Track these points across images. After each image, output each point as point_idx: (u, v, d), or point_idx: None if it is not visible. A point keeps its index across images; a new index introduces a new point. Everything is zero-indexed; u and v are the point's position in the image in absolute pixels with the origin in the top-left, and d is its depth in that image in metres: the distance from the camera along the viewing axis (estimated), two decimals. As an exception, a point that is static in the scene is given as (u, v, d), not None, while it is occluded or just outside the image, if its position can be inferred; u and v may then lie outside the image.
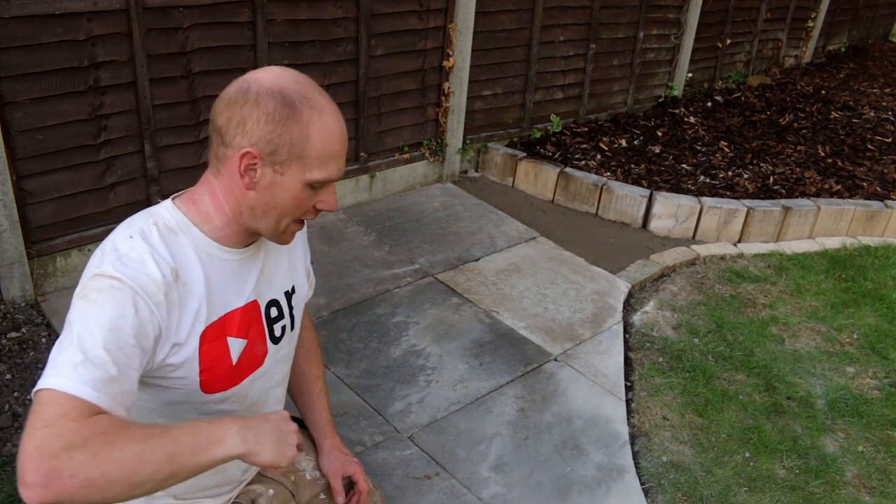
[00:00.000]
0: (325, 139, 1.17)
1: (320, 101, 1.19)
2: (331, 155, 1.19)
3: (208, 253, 1.26)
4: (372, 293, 3.15)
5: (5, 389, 2.40)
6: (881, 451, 2.64)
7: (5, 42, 2.52)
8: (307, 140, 1.16)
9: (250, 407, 1.41)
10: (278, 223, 1.24)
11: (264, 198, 1.21)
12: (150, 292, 1.14)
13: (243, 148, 1.17)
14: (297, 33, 3.34)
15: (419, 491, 2.22)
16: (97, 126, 2.85)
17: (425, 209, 3.97)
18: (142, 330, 1.12)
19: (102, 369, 1.04)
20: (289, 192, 1.20)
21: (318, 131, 1.17)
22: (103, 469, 0.96)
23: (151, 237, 1.19)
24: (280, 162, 1.17)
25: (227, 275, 1.29)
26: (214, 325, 1.26)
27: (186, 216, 1.25)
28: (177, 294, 1.19)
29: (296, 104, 1.16)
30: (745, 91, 6.04)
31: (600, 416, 2.62)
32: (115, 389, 1.05)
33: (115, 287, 1.11)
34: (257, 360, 1.38)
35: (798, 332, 3.28)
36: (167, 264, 1.18)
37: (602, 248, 3.79)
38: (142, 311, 1.12)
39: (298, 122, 1.16)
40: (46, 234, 2.86)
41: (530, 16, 4.35)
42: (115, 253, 1.16)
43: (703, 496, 2.36)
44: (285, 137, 1.16)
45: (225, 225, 1.25)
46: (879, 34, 8.70)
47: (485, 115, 4.45)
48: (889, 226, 4.27)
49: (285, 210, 1.22)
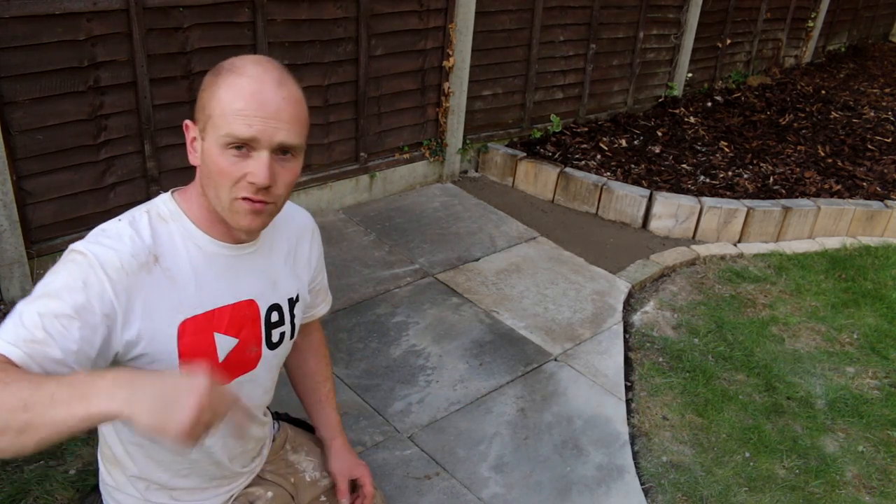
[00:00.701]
0: (232, 97, 1.14)
1: (249, 68, 1.16)
2: (236, 111, 1.13)
3: (199, 245, 1.26)
4: (372, 293, 3.15)
5: (5, 389, 2.40)
6: (881, 451, 2.64)
7: (5, 42, 2.52)
8: (213, 98, 1.15)
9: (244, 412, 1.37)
10: (218, 196, 1.19)
11: (203, 170, 1.21)
12: (111, 269, 1.14)
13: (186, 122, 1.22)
14: (297, 33, 3.34)
15: (419, 491, 2.22)
16: (97, 126, 2.85)
17: (425, 209, 3.97)
18: (87, 305, 1.11)
19: (29, 331, 1.05)
20: (212, 157, 1.17)
21: (226, 90, 1.14)
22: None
23: (139, 222, 1.22)
24: (202, 128, 1.18)
25: (219, 269, 1.28)
26: (199, 318, 1.25)
27: (180, 207, 1.27)
28: (151, 277, 1.18)
29: (220, 71, 1.17)
30: (745, 91, 6.04)
31: (600, 416, 2.62)
32: (36, 350, 1.04)
33: (75, 261, 1.14)
34: (249, 363, 1.36)
35: (798, 332, 3.28)
36: (145, 247, 1.19)
37: (602, 248, 3.79)
38: (92, 286, 1.12)
39: (213, 84, 1.16)
40: (46, 234, 2.86)
41: (530, 16, 4.35)
42: (97, 232, 1.19)
43: (703, 496, 2.36)
44: (201, 101, 1.18)
45: (204, 212, 1.26)
46: (879, 34, 8.70)
47: (485, 115, 4.45)
48: (889, 226, 4.27)
49: (218, 180, 1.18)
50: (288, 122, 1.16)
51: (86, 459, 2.17)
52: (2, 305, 2.76)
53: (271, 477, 1.58)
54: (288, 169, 1.20)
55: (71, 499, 2.04)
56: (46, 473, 2.10)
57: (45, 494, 2.04)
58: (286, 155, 1.19)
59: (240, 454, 1.47)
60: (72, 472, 2.13)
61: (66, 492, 2.05)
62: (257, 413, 1.47)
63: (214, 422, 0.97)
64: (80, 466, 2.15)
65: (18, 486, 2.05)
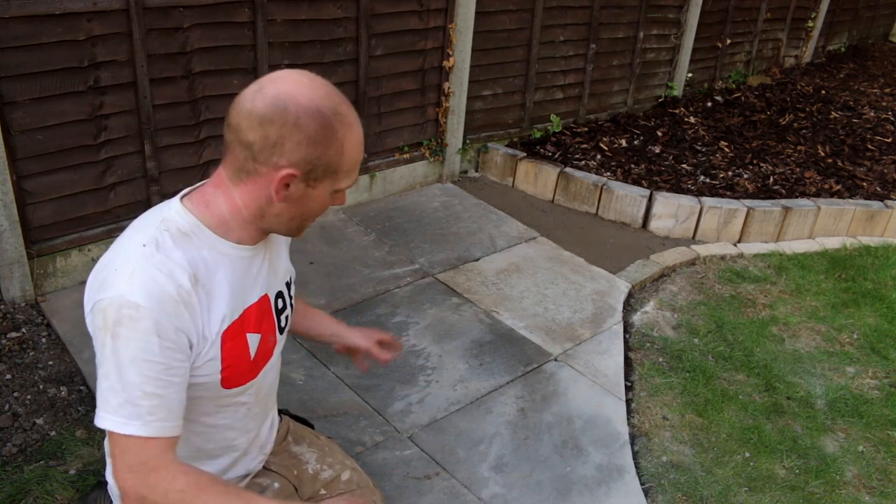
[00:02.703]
0: (354, 152, 1.23)
1: (349, 115, 1.22)
2: (356, 163, 1.25)
3: (223, 253, 1.27)
4: (372, 293, 3.15)
5: (5, 389, 2.40)
6: (881, 451, 2.64)
7: (5, 42, 2.52)
8: (342, 157, 1.21)
9: (261, 398, 1.47)
10: (301, 225, 1.30)
11: (293, 207, 1.25)
12: (171, 308, 1.17)
13: (283, 169, 1.19)
14: (297, 33, 3.34)
15: (419, 491, 2.21)
16: (97, 126, 2.85)
17: (425, 209, 3.97)
18: (175, 348, 1.18)
19: (146, 401, 1.15)
20: (318, 201, 1.26)
21: (350, 146, 1.22)
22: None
23: (166, 245, 1.20)
24: (316, 178, 1.22)
25: (242, 271, 1.31)
26: (236, 324, 1.30)
27: (198, 218, 1.25)
28: (197, 298, 1.21)
29: (333, 125, 1.19)
30: (745, 91, 6.04)
31: (600, 416, 2.62)
32: (164, 413, 1.17)
33: (134, 319, 1.14)
34: (269, 352, 1.43)
35: (798, 332, 3.28)
36: (184, 272, 1.20)
37: (602, 248, 3.79)
38: (167, 333, 1.16)
39: (335, 141, 1.19)
40: (46, 234, 2.86)
41: (530, 16, 4.35)
42: (129, 264, 1.17)
43: (703, 496, 2.36)
44: (324, 158, 1.20)
45: (240, 227, 1.28)
46: (879, 34, 8.70)
47: (485, 115, 4.45)
48: (889, 226, 4.27)
49: (310, 215, 1.28)
50: None
51: (86, 459, 2.17)
52: (2, 305, 2.76)
53: (276, 468, 1.63)
54: None
55: (71, 499, 2.04)
56: (46, 473, 2.10)
57: (45, 494, 2.04)
58: None
59: (258, 436, 1.54)
60: (72, 472, 2.13)
61: (66, 492, 2.05)
62: (274, 394, 1.57)
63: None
64: (80, 466, 2.15)
65: (18, 486, 2.05)
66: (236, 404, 1.39)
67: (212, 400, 1.33)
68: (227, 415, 1.39)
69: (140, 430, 1.15)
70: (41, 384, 2.45)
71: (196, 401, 1.30)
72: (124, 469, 1.17)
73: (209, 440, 1.40)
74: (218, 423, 1.38)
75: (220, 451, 1.43)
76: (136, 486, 1.17)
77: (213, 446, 1.42)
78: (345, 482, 1.71)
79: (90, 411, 2.37)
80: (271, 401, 1.58)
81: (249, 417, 1.45)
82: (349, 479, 1.72)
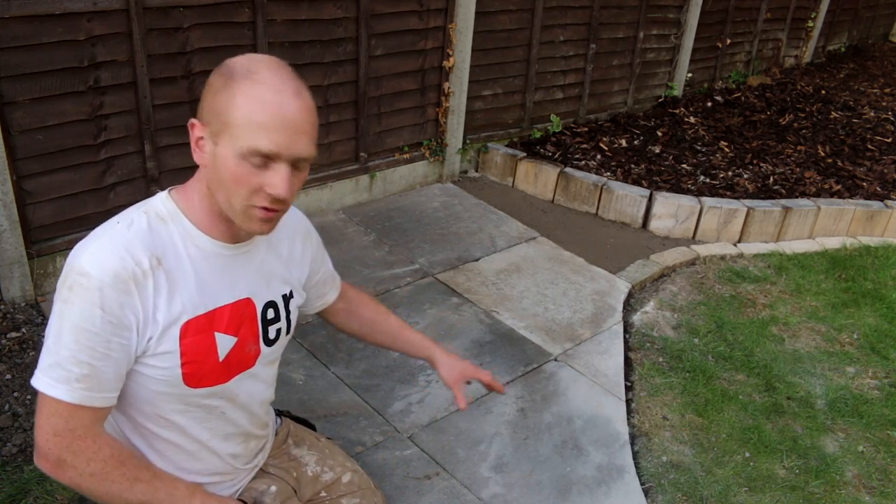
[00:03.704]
0: (253, 108, 1.13)
1: (265, 75, 1.15)
2: (259, 125, 1.13)
3: (198, 245, 1.27)
4: (372, 293, 3.15)
5: (5, 389, 2.40)
6: (881, 451, 2.64)
7: (5, 42, 2.52)
8: (231, 106, 1.14)
9: (239, 407, 1.41)
10: (230, 200, 1.20)
11: (212, 173, 1.20)
12: (121, 285, 1.16)
13: (192, 120, 1.21)
14: (297, 33, 3.34)
15: (419, 491, 2.21)
16: (97, 126, 2.85)
17: (425, 209, 3.97)
18: (118, 324, 1.17)
19: (77, 368, 1.16)
20: (226, 164, 1.16)
21: (246, 99, 1.14)
22: (92, 488, 1.20)
23: (139, 226, 1.22)
24: (215, 132, 1.17)
25: (218, 269, 1.29)
26: (201, 318, 1.27)
27: (178, 206, 1.27)
28: (154, 281, 1.20)
29: (234, 75, 1.16)
30: (745, 91, 6.04)
31: (600, 416, 2.62)
32: (92, 383, 1.17)
33: (83, 286, 1.15)
34: (248, 361, 1.38)
35: (798, 332, 3.28)
36: (147, 252, 1.20)
37: (602, 248, 3.79)
38: (111, 307, 1.16)
39: (228, 89, 1.15)
40: (46, 234, 2.86)
41: (530, 16, 4.35)
42: (96, 242, 1.19)
43: (703, 496, 2.36)
44: (216, 104, 1.16)
45: (202, 211, 1.27)
46: (879, 34, 8.70)
47: (485, 115, 4.45)
48: (889, 226, 4.27)
49: (232, 187, 1.18)
50: (307, 135, 1.18)
51: (86, 459, 2.17)
52: (2, 305, 2.76)
53: (274, 471, 1.60)
54: (299, 177, 1.22)
55: (71, 499, 2.04)
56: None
57: (45, 494, 2.04)
58: (299, 163, 1.20)
59: (243, 453, 1.49)
60: (72, 472, 2.13)
61: (66, 492, 2.05)
62: (259, 410, 1.49)
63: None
64: (80, 466, 2.15)
65: (18, 486, 2.05)
66: (205, 406, 1.34)
67: (179, 398, 1.29)
68: (199, 415, 1.34)
69: (65, 394, 1.15)
70: (41, 384, 2.45)
71: (162, 396, 1.28)
72: (50, 431, 1.17)
73: (186, 438, 1.36)
74: (189, 422, 1.34)
75: (197, 451, 1.38)
76: (60, 449, 1.17)
77: (191, 447, 1.37)
78: (346, 484, 1.71)
79: (90, 411, 2.37)
80: (257, 414, 1.48)
81: (226, 422, 1.39)
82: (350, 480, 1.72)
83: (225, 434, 1.40)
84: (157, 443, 1.34)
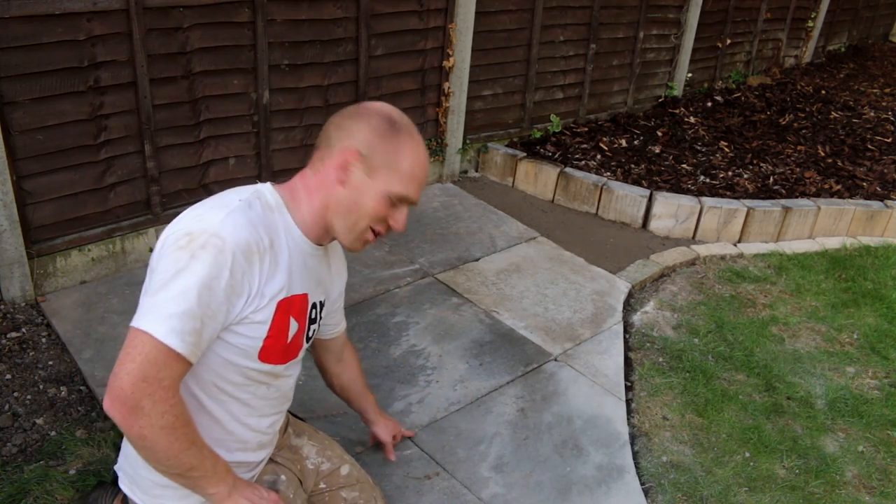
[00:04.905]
0: (414, 162, 1.39)
1: (417, 135, 1.41)
2: (414, 176, 1.39)
3: (293, 237, 1.42)
4: (372, 293, 3.15)
5: (5, 389, 2.40)
6: (881, 451, 2.64)
7: (5, 42, 2.52)
8: (400, 156, 1.37)
9: (280, 395, 1.54)
10: (356, 225, 1.41)
11: (351, 196, 1.39)
12: (249, 253, 1.29)
13: (348, 149, 1.37)
14: (297, 33, 3.34)
15: (419, 491, 2.22)
16: (97, 126, 2.85)
17: (425, 209, 3.97)
18: (234, 290, 1.28)
19: (191, 322, 1.23)
20: (372, 196, 1.38)
21: (411, 152, 1.38)
22: (157, 440, 1.23)
23: (255, 207, 1.36)
24: (373, 167, 1.37)
25: (301, 262, 1.44)
26: (287, 300, 1.41)
27: (283, 200, 1.42)
28: (269, 259, 1.33)
29: (398, 127, 1.39)
30: (745, 91, 6.04)
31: (600, 416, 2.62)
32: (196, 339, 1.25)
33: (216, 247, 1.25)
34: (297, 349, 1.52)
35: (798, 332, 3.28)
36: (265, 232, 1.34)
37: (602, 248, 3.79)
38: (237, 273, 1.27)
39: (396, 139, 1.38)
40: (46, 234, 2.86)
41: (530, 16, 4.35)
42: (225, 208, 1.31)
43: (703, 496, 2.36)
44: (383, 147, 1.37)
45: (310, 215, 1.42)
46: (879, 34, 8.70)
47: (485, 115, 4.45)
48: (889, 226, 4.27)
49: (364, 212, 1.39)
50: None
51: (86, 459, 2.17)
52: (2, 305, 2.76)
53: (281, 461, 1.68)
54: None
55: (71, 499, 2.04)
56: (46, 473, 2.10)
57: (45, 494, 2.04)
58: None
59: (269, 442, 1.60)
60: (72, 472, 2.13)
61: (66, 492, 2.05)
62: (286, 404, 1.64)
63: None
64: (80, 466, 2.15)
65: (18, 486, 2.05)
66: (259, 382, 1.45)
67: (243, 370, 1.40)
68: (251, 390, 1.45)
69: (177, 344, 1.22)
70: (41, 384, 2.45)
71: (229, 366, 1.38)
72: (139, 376, 1.20)
73: (227, 414, 1.46)
74: (240, 395, 1.44)
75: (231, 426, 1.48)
76: (142, 396, 1.20)
77: (230, 425, 1.47)
78: (344, 476, 1.74)
79: (90, 411, 2.37)
80: (285, 404, 1.63)
81: (267, 402, 1.51)
82: (349, 473, 1.76)
83: (261, 411, 1.51)
84: (201, 415, 1.41)
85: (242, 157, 3.31)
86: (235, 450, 1.49)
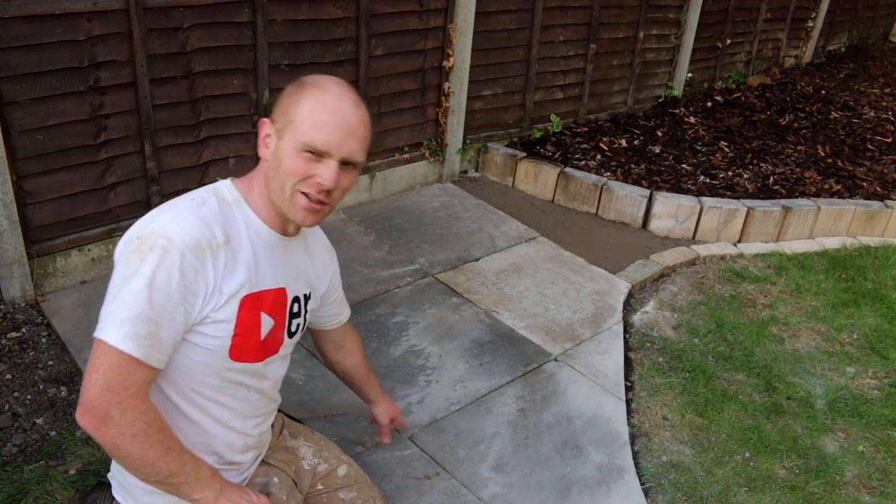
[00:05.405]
0: (315, 108, 1.32)
1: (331, 86, 1.36)
2: (318, 123, 1.32)
3: (256, 231, 1.41)
4: (372, 293, 3.15)
5: (5, 389, 2.40)
6: (881, 451, 2.64)
7: (5, 42, 2.52)
8: (298, 106, 1.33)
9: (263, 391, 1.52)
10: (282, 189, 1.35)
11: (273, 164, 1.36)
12: (200, 251, 1.27)
13: (263, 121, 1.38)
14: (297, 33, 3.34)
15: (419, 491, 2.21)
16: (97, 126, 2.85)
17: (425, 209, 3.97)
18: (188, 289, 1.26)
19: (145, 325, 1.22)
20: (287, 154, 1.33)
21: (310, 101, 1.33)
22: (130, 449, 1.22)
23: (210, 204, 1.36)
24: (282, 127, 1.34)
25: (269, 255, 1.42)
26: (253, 296, 1.38)
27: (241, 194, 1.41)
28: (224, 255, 1.32)
29: (305, 84, 1.36)
30: (745, 91, 6.04)
31: (600, 416, 2.62)
32: (153, 342, 1.23)
33: (163, 248, 1.24)
34: (276, 346, 1.49)
35: (798, 332, 3.28)
36: (220, 228, 1.33)
37: (602, 248, 3.79)
38: (188, 272, 1.26)
39: (299, 94, 1.34)
40: (46, 234, 2.86)
41: (530, 16, 4.35)
42: (174, 209, 1.31)
43: (703, 496, 2.36)
44: (286, 105, 1.35)
45: (262, 202, 1.41)
46: (879, 34, 8.70)
47: (485, 115, 4.45)
48: (889, 226, 4.27)
49: (284, 172, 1.34)
50: (358, 140, 1.35)
51: (86, 459, 2.17)
52: (2, 305, 2.76)
53: (275, 462, 1.65)
54: (347, 178, 1.38)
55: (71, 499, 2.04)
56: (46, 473, 2.10)
57: (45, 494, 2.04)
58: (348, 166, 1.37)
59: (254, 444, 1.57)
60: (72, 473, 2.13)
61: (66, 492, 2.05)
62: (273, 399, 1.61)
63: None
64: (80, 466, 2.15)
65: (18, 486, 2.05)
66: (238, 384, 1.43)
67: (217, 371, 1.38)
68: (230, 392, 1.43)
69: (133, 349, 1.21)
70: (41, 384, 2.45)
71: (202, 367, 1.36)
72: (104, 386, 1.20)
73: (207, 417, 1.44)
74: (218, 398, 1.42)
75: (214, 429, 1.46)
76: (110, 405, 1.20)
77: (212, 429, 1.45)
78: (342, 477, 1.73)
79: (90, 411, 2.37)
80: (270, 405, 1.60)
81: (248, 404, 1.49)
82: (346, 474, 1.75)
83: (243, 413, 1.49)
84: (180, 420, 1.39)
85: (242, 157, 3.31)
86: (221, 452, 1.48)
